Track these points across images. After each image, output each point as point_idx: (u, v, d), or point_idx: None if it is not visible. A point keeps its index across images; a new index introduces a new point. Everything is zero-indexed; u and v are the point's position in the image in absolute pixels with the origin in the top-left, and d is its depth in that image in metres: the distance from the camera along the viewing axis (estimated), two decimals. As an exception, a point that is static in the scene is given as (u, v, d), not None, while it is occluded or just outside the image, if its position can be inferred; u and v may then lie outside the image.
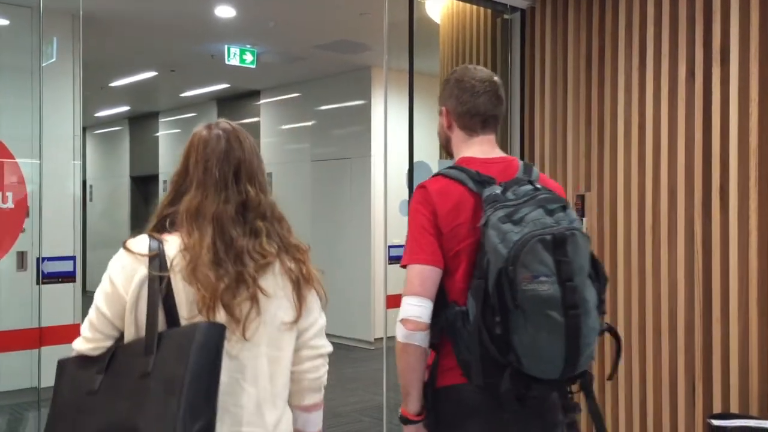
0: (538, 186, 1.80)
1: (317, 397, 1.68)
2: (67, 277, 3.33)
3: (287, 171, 9.00)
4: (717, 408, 3.42)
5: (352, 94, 8.19)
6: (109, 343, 1.52)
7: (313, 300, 1.66)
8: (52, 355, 3.17)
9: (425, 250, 1.81)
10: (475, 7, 4.79)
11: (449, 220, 1.82)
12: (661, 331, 3.68)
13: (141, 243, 1.54)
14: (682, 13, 3.62)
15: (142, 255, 1.52)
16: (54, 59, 5.09)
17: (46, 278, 3.24)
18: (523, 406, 1.72)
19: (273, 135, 9.36)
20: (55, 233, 3.85)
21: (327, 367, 1.70)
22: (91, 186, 12.95)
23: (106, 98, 10.30)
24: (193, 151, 1.60)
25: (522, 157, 4.49)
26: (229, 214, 1.55)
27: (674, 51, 3.66)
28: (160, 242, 1.53)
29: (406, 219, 1.96)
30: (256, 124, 9.56)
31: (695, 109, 3.56)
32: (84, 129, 12.71)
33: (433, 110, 5.96)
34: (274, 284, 1.59)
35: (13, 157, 3.85)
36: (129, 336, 1.50)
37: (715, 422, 3.16)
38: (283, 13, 5.94)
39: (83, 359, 1.51)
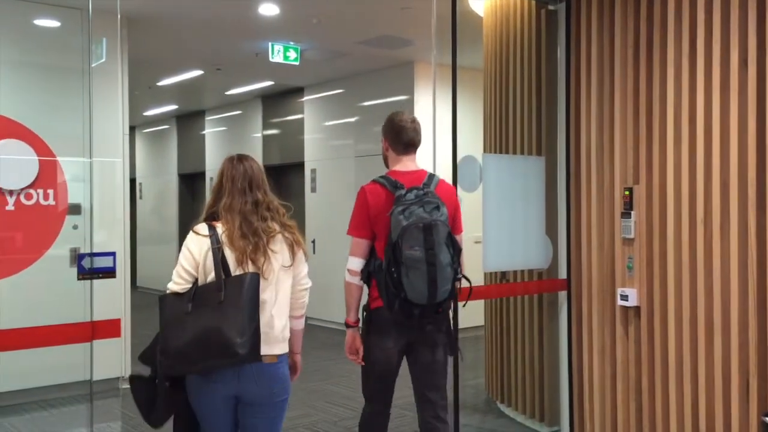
0: (427, 191, 3.02)
1: (302, 311, 2.83)
2: (108, 272, 3.36)
3: (331, 167, 9.05)
4: (773, 406, 3.33)
5: (395, 89, 8.18)
6: (190, 285, 2.56)
7: (300, 255, 2.75)
8: (101, 348, 3.25)
9: (360, 227, 3.10)
10: (519, -2, 4.74)
11: (376, 210, 3.06)
12: (714, 327, 3.59)
13: (203, 228, 2.64)
14: (734, -1, 3.51)
15: (205, 235, 2.61)
16: (103, 59, 5.21)
17: (86, 274, 3.28)
18: (412, 319, 2.98)
19: (317, 131, 9.41)
20: (104, 230, 3.93)
21: (308, 293, 2.82)
22: (140, 184, 13.21)
23: (154, 97, 10.51)
24: (225, 173, 2.71)
25: (568, 150, 4.46)
26: (248, 208, 2.64)
27: (726, 38, 3.56)
28: (214, 228, 2.62)
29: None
30: (300, 121, 9.63)
31: (748, 98, 3.46)
32: (133, 128, 12.98)
33: (476, 105, 5.89)
34: (279, 246, 2.67)
35: (54, 156, 3.94)
36: (201, 281, 2.57)
37: (771, 421, 3.08)
38: (325, 10, 5.96)
39: (175, 294, 2.55)
